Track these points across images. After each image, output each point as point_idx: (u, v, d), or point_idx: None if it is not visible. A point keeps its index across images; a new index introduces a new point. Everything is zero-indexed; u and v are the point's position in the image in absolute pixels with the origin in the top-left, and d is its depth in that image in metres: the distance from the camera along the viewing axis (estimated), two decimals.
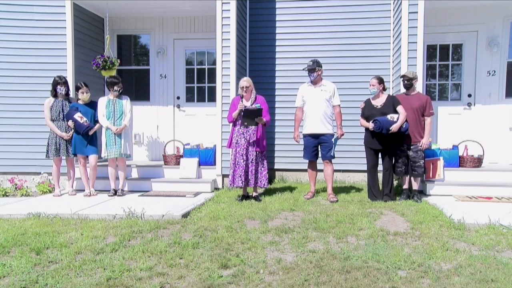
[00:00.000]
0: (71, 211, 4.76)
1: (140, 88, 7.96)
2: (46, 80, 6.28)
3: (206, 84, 7.72)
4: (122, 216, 4.57)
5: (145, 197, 5.81)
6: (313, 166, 5.80)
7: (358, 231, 4.01)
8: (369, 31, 6.91)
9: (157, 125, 7.79)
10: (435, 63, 7.25)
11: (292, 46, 7.13)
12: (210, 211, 4.83)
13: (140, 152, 7.78)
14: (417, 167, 5.45)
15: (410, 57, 6.04)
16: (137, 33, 7.95)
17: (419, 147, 5.42)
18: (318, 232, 4.01)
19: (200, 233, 3.97)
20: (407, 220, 4.42)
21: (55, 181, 6.08)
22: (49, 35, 6.75)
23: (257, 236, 3.87)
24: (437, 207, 4.94)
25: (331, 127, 5.62)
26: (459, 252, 3.42)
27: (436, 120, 6.96)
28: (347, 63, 6.96)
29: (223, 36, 6.38)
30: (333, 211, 4.79)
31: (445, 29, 7.00)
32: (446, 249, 3.48)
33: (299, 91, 5.78)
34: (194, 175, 6.44)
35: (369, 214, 4.67)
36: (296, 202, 5.30)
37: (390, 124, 5.19)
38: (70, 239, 3.82)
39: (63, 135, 5.90)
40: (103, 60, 6.31)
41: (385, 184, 5.46)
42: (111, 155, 5.86)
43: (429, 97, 5.52)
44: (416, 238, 3.80)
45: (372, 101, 5.49)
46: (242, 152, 5.41)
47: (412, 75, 5.48)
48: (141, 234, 3.96)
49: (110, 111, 5.90)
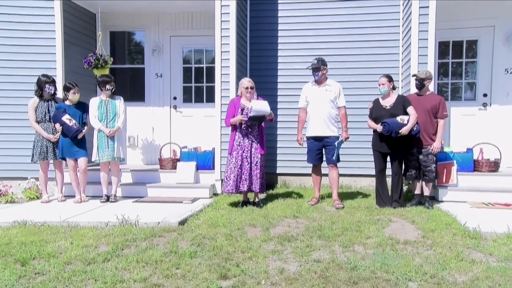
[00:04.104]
0: (60, 218, 4.75)
1: (134, 88, 7.97)
2: (33, 80, 6.21)
3: (204, 84, 7.73)
4: (115, 223, 4.56)
5: (139, 203, 5.81)
6: (318, 170, 5.80)
7: (366, 240, 3.99)
8: (376, 27, 6.92)
9: (152, 127, 7.79)
10: (447, 60, 7.25)
11: (295, 44, 7.14)
12: (208, 218, 4.82)
13: (134, 155, 7.79)
14: (428, 171, 5.44)
15: (420, 55, 6.04)
16: (131, 30, 7.97)
17: (430, 150, 5.41)
18: (323, 240, 4.00)
19: (198, 241, 3.96)
20: (418, 227, 4.40)
21: (42, 187, 6.07)
22: (37, 31, 6.72)
23: (259, 245, 3.86)
24: (450, 214, 4.92)
25: (336, 129, 5.62)
26: (475, 263, 3.40)
27: (449, 121, 6.93)
28: (352, 61, 6.97)
29: (223, 33, 6.39)
30: (339, 218, 4.78)
31: (458, 24, 6.97)
32: (461, 260, 3.46)
33: (303, 91, 5.79)
34: (191, 180, 6.44)
35: (377, 221, 4.66)
36: (299, 209, 5.29)
37: (400, 126, 5.18)
38: (58, 248, 3.81)
39: (50, 137, 5.89)
40: (95, 58, 6.33)
41: (394, 189, 5.45)
42: (103, 159, 5.86)
43: (443, 98, 5.50)
44: (428, 247, 3.79)
45: (381, 101, 5.49)
46: (246, 155, 5.39)
47: (425, 75, 5.45)
48: (135, 242, 3.95)
49: (103, 112, 5.91)
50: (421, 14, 6.02)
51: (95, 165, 6.32)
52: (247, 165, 5.38)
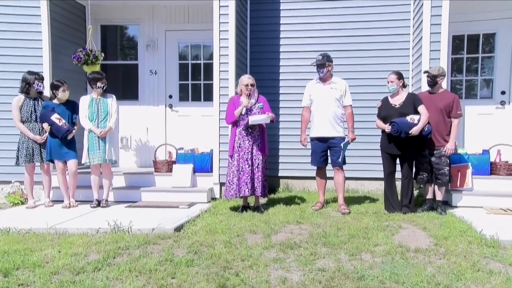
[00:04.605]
0: (47, 225, 4.74)
1: (127, 85, 7.99)
2: (17, 76, 6.21)
3: (202, 82, 7.74)
4: (107, 230, 4.57)
5: (132, 208, 5.81)
6: (322, 173, 5.80)
7: (374, 247, 4.00)
8: (385, 20, 6.92)
9: (146, 127, 7.80)
10: (461, 56, 7.23)
11: (299, 39, 7.15)
12: (206, 224, 4.83)
13: (127, 157, 7.80)
14: (441, 174, 5.43)
15: (432, 50, 6.03)
16: (123, 24, 7.99)
17: (443, 152, 5.40)
18: (328, 248, 4.00)
19: (195, 249, 3.96)
20: (430, 235, 4.40)
21: (28, 191, 6.06)
22: (22, 23, 6.66)
23: (259, 252, 3.86)
24: (465, 221, 4.92)
25: (342, 129, 5.62)
26: (493, 273, 3.38)
27: (463, 121, 6.91)
28: (359, 57, 6.97)
29: (221, 27, 6.40)
30: (345, 224, 4.78)
31: (474, 16, 6.90)
32: (477, 270, 3.45)
33: (306, 89, 5.79)
34: (188, 183, 6.44)
35: (386, 227, 4.66)
36: (303, 214, 5.30)
37: (410, 126, 5.18)
38: (45, 257, 3.81)
39: (36, 138, 5.89)
40: (85, 53, 6.33)
41: (404, 194, 5.44)
42: (94, 161, 5.87)
43: (456, 96, 5.50)
44: (441, 256, 3.78)
45: (390, 100, 5.49)
46: (247, 157, 5.40)
47: (437, 71, 5.44)
48: (128, 250, 3.96)
49: (94, 112, 5.91)
50: (433, 6, 6.00)
51: (85, 167, 6.34)
52: (248, 167, 5.38)
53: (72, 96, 6.12)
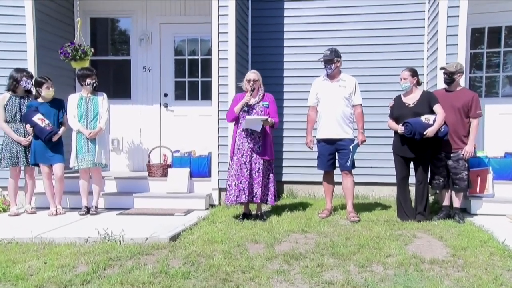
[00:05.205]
0: (32, 234, 4.75)
1: (119, 83, 8.01)
2: (1, 73, 6.22)
3: (199, 79, 7.76)
4: (96, 239, 4.57)
5: (124, 216, 5.82)
6: (330, 178, 5.80)
7: (386, 258, 3.99)
8: (397, 13, 6.92)
9: (139, 128, 7.82)
10: (481, 50, 7.21)
11: (304, 32, 7.16)
12: (204, 233, 4.83)
13: (119, 161, 7.81)
14: (458, 179, 5.43)
15: (449, 44, 6.04)
16: (115, 16, 8.02)
17: (461, 155, 5.40)
18: (336, 259, 4.00)
19: (192, 259, 3.97)
20: (447, 245, 4.40)
21: (11, 197, 6.07)
22: (3, 15, 6.62)
23: (262, 264, 3.86)
24: (485, 230, 4.91)
25: (351, 130, 5.62)
26: None
27: (483, 121, 6.89)
28: (370, 52, 6.98)
29: (220, 20, 6.41)
30: (354, 233, 4.77)
31: (496, 7, 6.81)
32: (500, 284, 3.44)
33: (313, 86, 5.80)
34: (184, 189, 6.45)
35: (398, 237, 4.65)
36: (308, 222, 5.29)
37: (424, 127, 5.17)
38: (29, 269, 3.80)
39: (21, 139, 5.90)
40: (73, 48, 6.36)
41: (418, 200, 5.44)
42: (82, 165, 5.88)
43: (476, 94, 5.50)
44: (459, 268, 3.77)
45: (403, 98, 5.49)
46: (245, 160, 5.40)
47: (455, 68, 5.43)
48: (120, 261, 3.96)
49: (83, 111, 5.92)
50: None
51: (73, 172, 6.35)
52: (246, 172, 5.38)
53: (60, 94, 6.15)
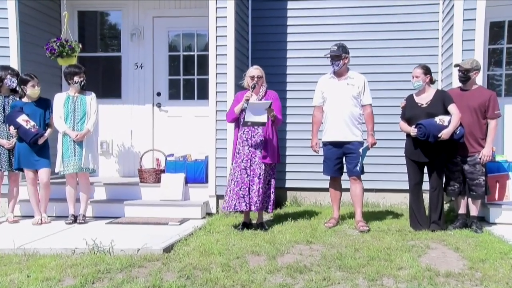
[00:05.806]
0: (14, 244, 4.74)
1: (108, 81, 8.02)
2: None
3: (195, 76, 7.78)
4: (84, 250, 4.57)
5: (114, 225, 5.83)
6: (337, 184, 5.80)
7: (397, 271, 3.99)
8: (409, 5, 6.92)
9: (131, 130, 7.83)
10: (501, 46, 7.23)
11: (310, 26, 7.16)
12: (200, 244, 4.83)
13: (108, 165, 7.82)
14: (475, 185, 5.43)
15: (465, 40, 6.05)
16: (104, 10, 8.04)
17: (478, 159, 5.40)
18: (344, 271, 4.00)
19: (188, 273, 3.97)
20: (464, 256, 4.40)
21: None
22: None
23: (263, 277, 3.86)
24: (505, 240, 4.91)
25: (360, 132, 5.62)
26: None
27: (502, 122, 6.89)
28: (380, 48, 6.99)
29: (218, 12, 6.41)
30: (364, 244, 4.78)
31: None
32: None
33: (318, 85, 5.81)
34: (179, 196, 6.45)
35: (411, 248, 4.65)
36: (314, 232, 5.29)
37: (439, 129, 5.18)
38: (11, 283, 3.80)
39: (3, 142, 5.91)
40: (59, 44, 6.37)
41: (432, 208, 5.44)
42: (69, 170, 5.88)
43: (494, 93, 5.51)
44: (477, 282, 3.77)
45: (416, 98, 5.51)
46: (246, 165, 5.41)
47: (471, 65, 5.44)
48: (109, 274, 3.96)
49: (69, 111, 5.93)
50: None
51: (59, 177, 6.35)
52: (246, 177, 5.39)
53: (45, 93, 6.16)
